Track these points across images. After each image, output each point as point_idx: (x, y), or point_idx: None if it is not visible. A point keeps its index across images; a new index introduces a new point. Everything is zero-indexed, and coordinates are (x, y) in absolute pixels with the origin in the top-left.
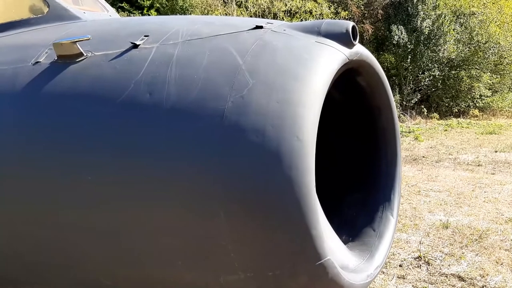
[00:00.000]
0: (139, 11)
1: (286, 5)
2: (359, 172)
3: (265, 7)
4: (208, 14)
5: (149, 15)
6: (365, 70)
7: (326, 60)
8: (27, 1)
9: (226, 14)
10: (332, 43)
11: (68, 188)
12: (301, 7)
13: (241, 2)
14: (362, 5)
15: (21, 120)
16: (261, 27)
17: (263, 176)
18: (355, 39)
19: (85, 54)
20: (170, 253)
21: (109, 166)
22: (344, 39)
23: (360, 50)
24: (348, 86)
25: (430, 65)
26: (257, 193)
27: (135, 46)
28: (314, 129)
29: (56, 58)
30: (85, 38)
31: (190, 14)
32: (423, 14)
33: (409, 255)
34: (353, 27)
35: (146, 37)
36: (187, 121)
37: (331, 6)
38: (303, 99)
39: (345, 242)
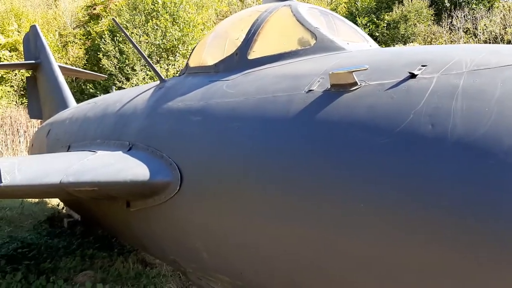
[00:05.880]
0: None
1: None
2: None
3: (497, 33)
4: (431, 42)
5: None
6: None
7: None
8: (296, 34)
9: (451, 42)
10: None
11: (342, 215)
12: None
13: (468, 29)
14: None
15: (294, 143)
16: None
17: None
18: None
19: (359, 84)
20: None
21: (383, 197)
22: None
23: None
24: None
25: None
26: None
27: (413, 76)
28: None
29: (329, 87)
30: (363, 68)
31: (412, 42)
32: None
33: None
34: None
35: (424, 67)
36: (476, 157)
37: None
38: None
39: None
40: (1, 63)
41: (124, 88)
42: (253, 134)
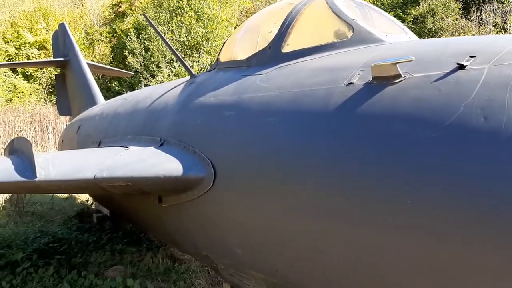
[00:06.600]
0: None
1: None
2: None
3: None
4: (459, 36)
5: None
6: None
7: None
8: (332, 26)
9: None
10: None
11: (383, 213)
12: None
13: (497, 23)
14: None
15: (334, 138)
16: None
17: None
18: None
19: (403, 76)
20: None
21: (431, 193)
22: None
23: None
24: None
25: None
26: None
27: (462, 67)
28: None
29: (370, 80)
30: (408, 60)
31: (439, 37)
32: None
33: None
34: None
35: (473, 58)
36: None
37: None
38: None
39: None
40: (31, 61)
41: (149, 85)
42: (290, 129)
